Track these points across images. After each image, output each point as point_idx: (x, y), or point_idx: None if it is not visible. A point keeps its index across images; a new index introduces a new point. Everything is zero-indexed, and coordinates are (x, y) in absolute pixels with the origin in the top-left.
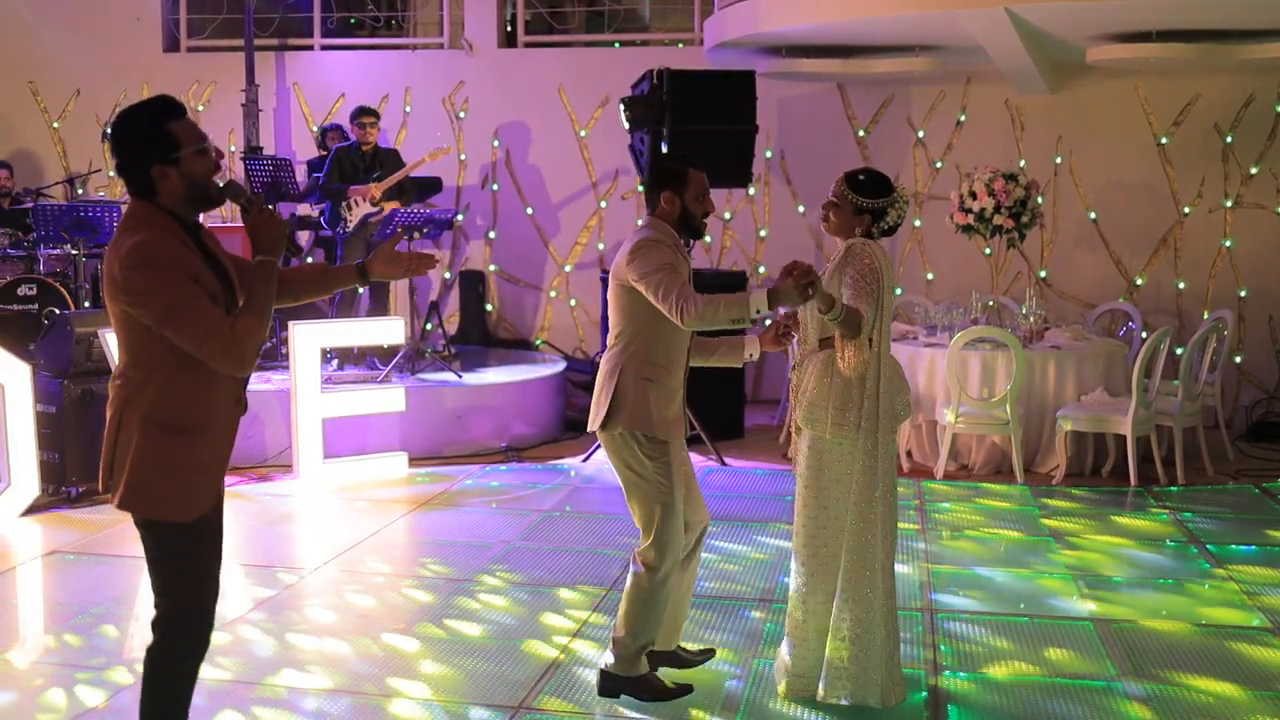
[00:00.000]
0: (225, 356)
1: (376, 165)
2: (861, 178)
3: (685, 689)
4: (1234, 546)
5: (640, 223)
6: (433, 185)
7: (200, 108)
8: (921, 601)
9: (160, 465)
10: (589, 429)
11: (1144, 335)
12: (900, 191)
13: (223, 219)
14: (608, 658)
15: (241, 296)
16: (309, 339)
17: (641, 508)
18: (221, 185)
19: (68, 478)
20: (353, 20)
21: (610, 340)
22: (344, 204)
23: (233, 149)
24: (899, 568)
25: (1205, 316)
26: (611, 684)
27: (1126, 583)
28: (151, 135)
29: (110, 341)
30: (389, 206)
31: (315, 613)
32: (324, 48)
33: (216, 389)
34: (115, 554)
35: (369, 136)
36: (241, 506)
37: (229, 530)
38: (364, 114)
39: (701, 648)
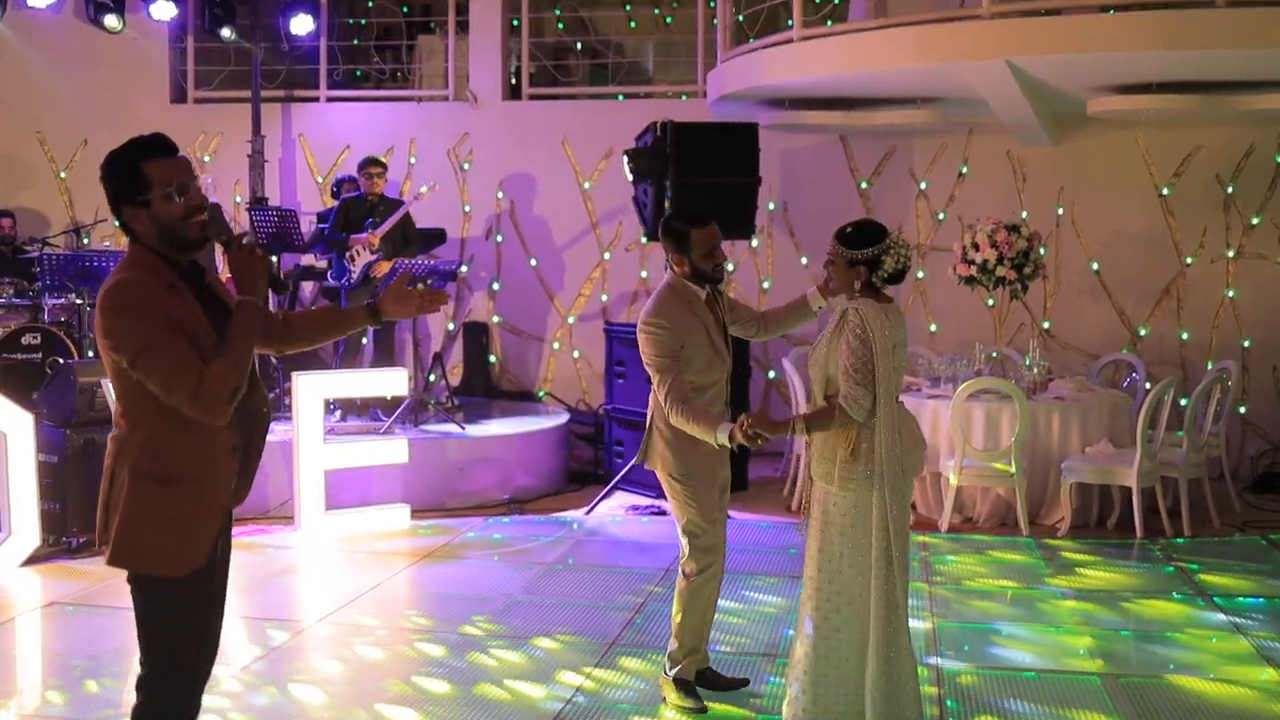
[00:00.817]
0: (193, 403)
1: (376, 214)
2: (849, 230)
3: (703, 708)
4: (1242, 599)
5: (660, 285)
6: (437, 237)
7: (207, 158)
8: (930, 656)
9: (149, 518)
10: (635, 461)
11: (1148, 386)
12: (895, 236)
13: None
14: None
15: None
16: (312, 390)
17: (680, 525)
18: (201, 225)
19: (69, 528)
20: (359, 73)
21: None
22: (347, 255)
23: (238, 199)
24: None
25: (1209, 367)
26: (668, 683)
27: (1134, 636)
28: (124, 175)
29: (109, 391)
30: (386, 265)
31: (316, 666)
32: (330, 99)
33: (207, 438)
34: (115, 605)
35: (375, 187)
36: (243, 558)
37: (229, 582)
38: (371, 164)
39: (736, 677)
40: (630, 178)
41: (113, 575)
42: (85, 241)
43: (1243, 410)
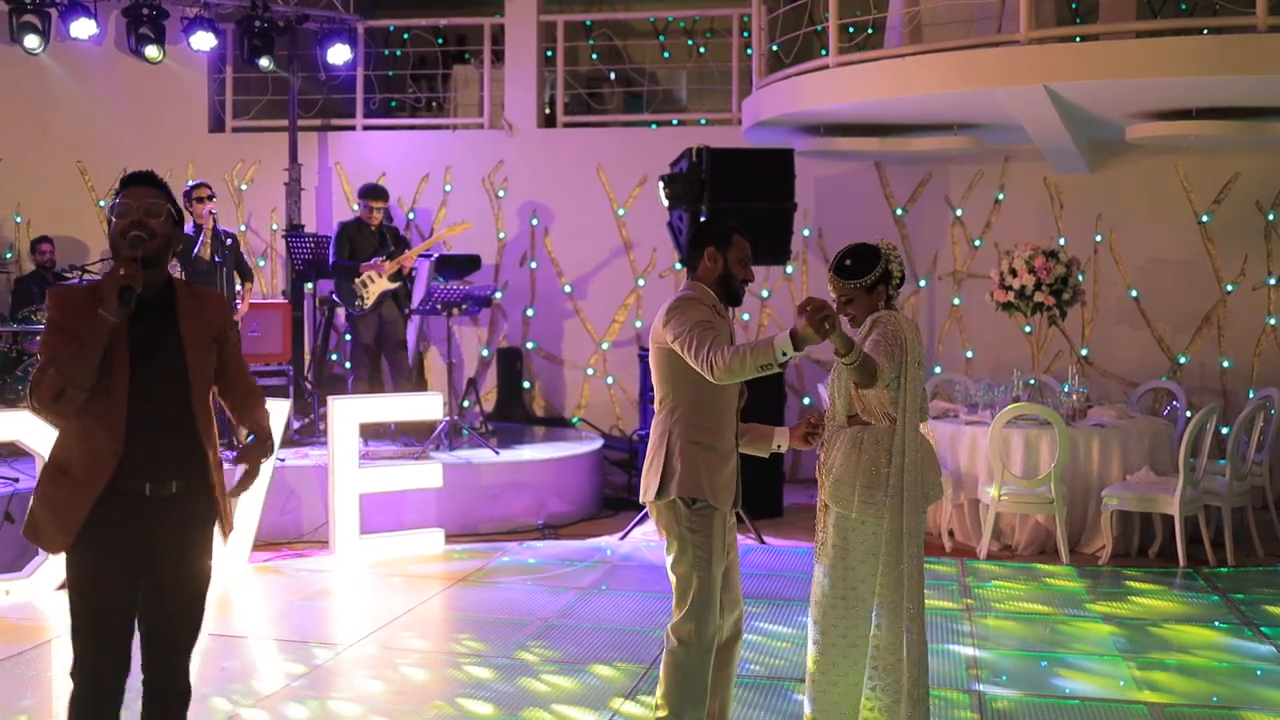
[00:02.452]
0: (29, 399)
1: (387, 243)
2: (848, 263)
3: None
4: None
5: (681, 288)
6: (472, 263)
7: (244, 186)
8: (967, 685)
9: (40, 499)
10: (640, 500)
11: (1188, 414)
12: (883, 246)
13: (263, 295)
14: None
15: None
16: (347, 414)
17: (678, 577)
18: (130, 242)
19: None
20: (394, 103)
21: (656, 407)
22: (358, 280)
23: (275, 227)
24: (948, 646)
25: (1250, 395)
26: None
27: (1179, 667)
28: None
29: None
30: (407, 261)
31: (350, 690)
32: (366, 128)
33: (90, 436)
34: None
35: (374, 219)
36: (277, 581)
37: (262, 605)
38: (375, 197)
39: None
40: (665, 203)
41: None
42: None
43: None
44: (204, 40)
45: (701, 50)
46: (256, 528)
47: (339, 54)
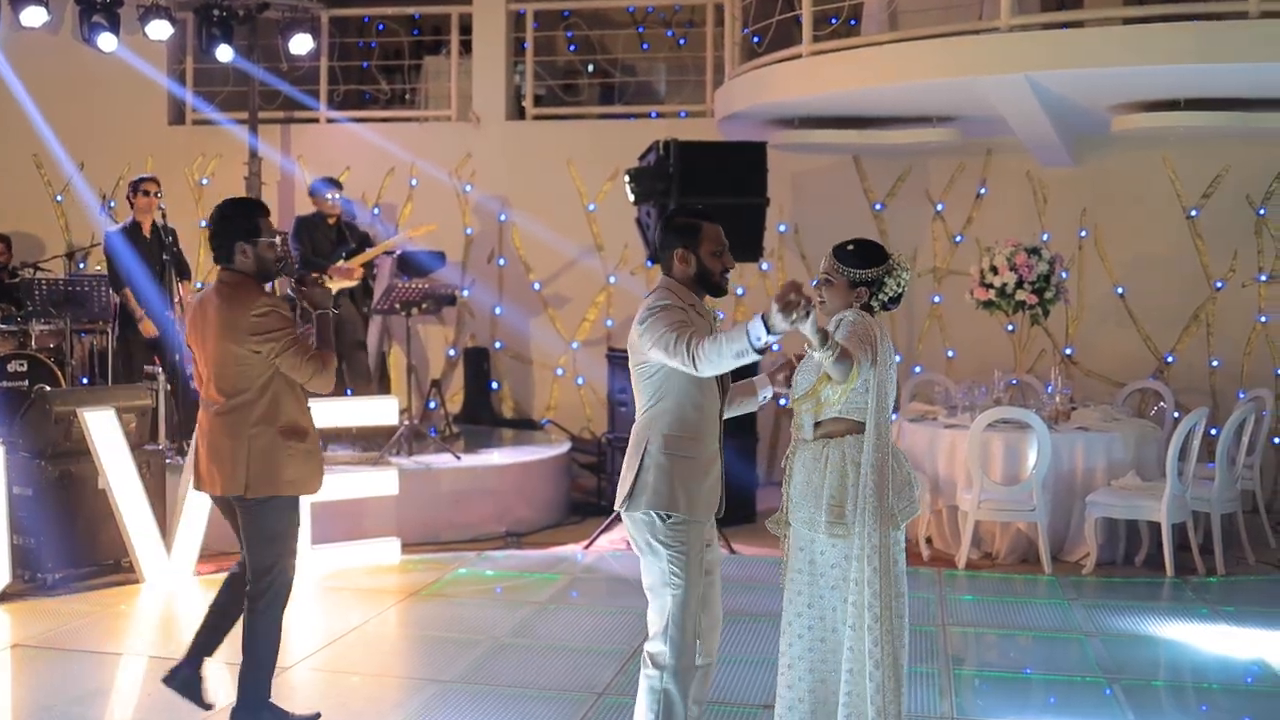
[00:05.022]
0: (321, 376)
1: (346, 239)
2: (850, 248)
3: None
4: None
5: (653, 288)
6: (436, 259)
7: (205, 180)
8: (943, 705)
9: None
10: (615, 507)
11: (1176, 415)
12: (898, 257)
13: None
14: None
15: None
16: None
17: (654, 596)
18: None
19: (43, 564)
20: (367, 96)
21: (637, 414)
22: (318, 277)
23: None
24: (923, 663)
25: (1240, 395)
26: None
27: (1167, 685)
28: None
29: (86, 420)
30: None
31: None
32: (330, 120)
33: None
34: (82, 649)
35: (336, 208)
36: None
37: None
38: (335, 186)
39: None
40: (632, 198)
41: (84, 614)
42: (81, 266)
43: (1278, 441)
44: (160, 29)
45: (681, 42)
46: (203, 538)
47: (301, 44)
